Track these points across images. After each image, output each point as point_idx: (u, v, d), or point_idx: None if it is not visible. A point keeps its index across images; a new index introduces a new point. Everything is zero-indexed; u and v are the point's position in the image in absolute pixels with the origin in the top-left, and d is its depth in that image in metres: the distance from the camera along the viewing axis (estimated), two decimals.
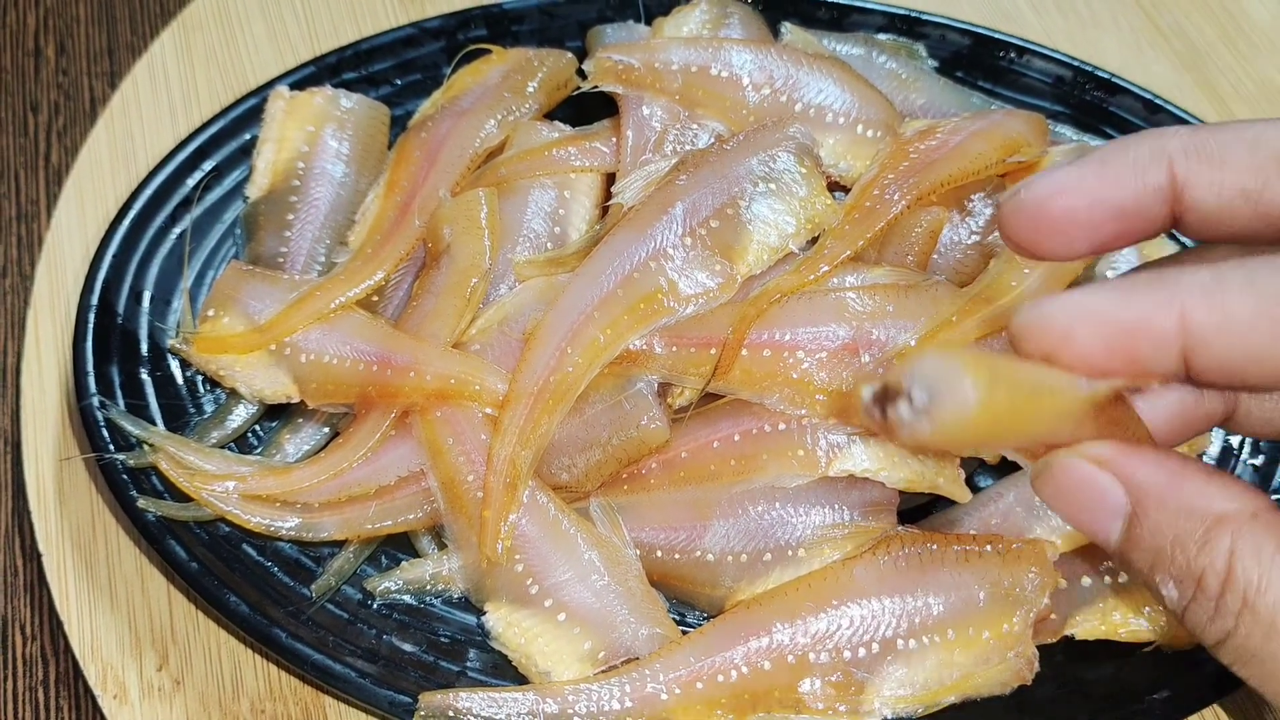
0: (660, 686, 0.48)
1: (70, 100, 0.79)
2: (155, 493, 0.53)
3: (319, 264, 0.61)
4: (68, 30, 0.83)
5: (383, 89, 0.69)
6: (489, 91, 0.65)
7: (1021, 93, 0.70)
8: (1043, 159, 0.60)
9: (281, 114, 0.65)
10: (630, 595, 0.50)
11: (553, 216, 0.60)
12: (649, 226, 0.54)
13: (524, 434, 0.51)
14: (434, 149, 0.62)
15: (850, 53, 0.67)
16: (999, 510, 0.54)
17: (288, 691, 0.53)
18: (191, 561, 0.51)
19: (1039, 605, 0.49)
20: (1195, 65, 0.77)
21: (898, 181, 0.56)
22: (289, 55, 0.76)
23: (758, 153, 0.56)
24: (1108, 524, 0.35)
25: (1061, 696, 0.50)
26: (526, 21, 0.71)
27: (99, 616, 0.55)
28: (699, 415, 0.54)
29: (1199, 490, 0.34)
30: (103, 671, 0.53)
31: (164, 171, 0.63)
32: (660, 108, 0.61)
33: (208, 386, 0.59)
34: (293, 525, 0.53)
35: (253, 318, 0.57)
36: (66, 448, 0.60)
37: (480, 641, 0.52)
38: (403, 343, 0.55)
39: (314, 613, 0.52)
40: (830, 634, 0.49)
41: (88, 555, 0.57)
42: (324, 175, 0.64)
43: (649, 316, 0.52)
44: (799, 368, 0.52)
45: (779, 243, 0.54)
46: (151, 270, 0.61)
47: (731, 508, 0.52)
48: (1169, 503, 0.34)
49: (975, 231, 0.59)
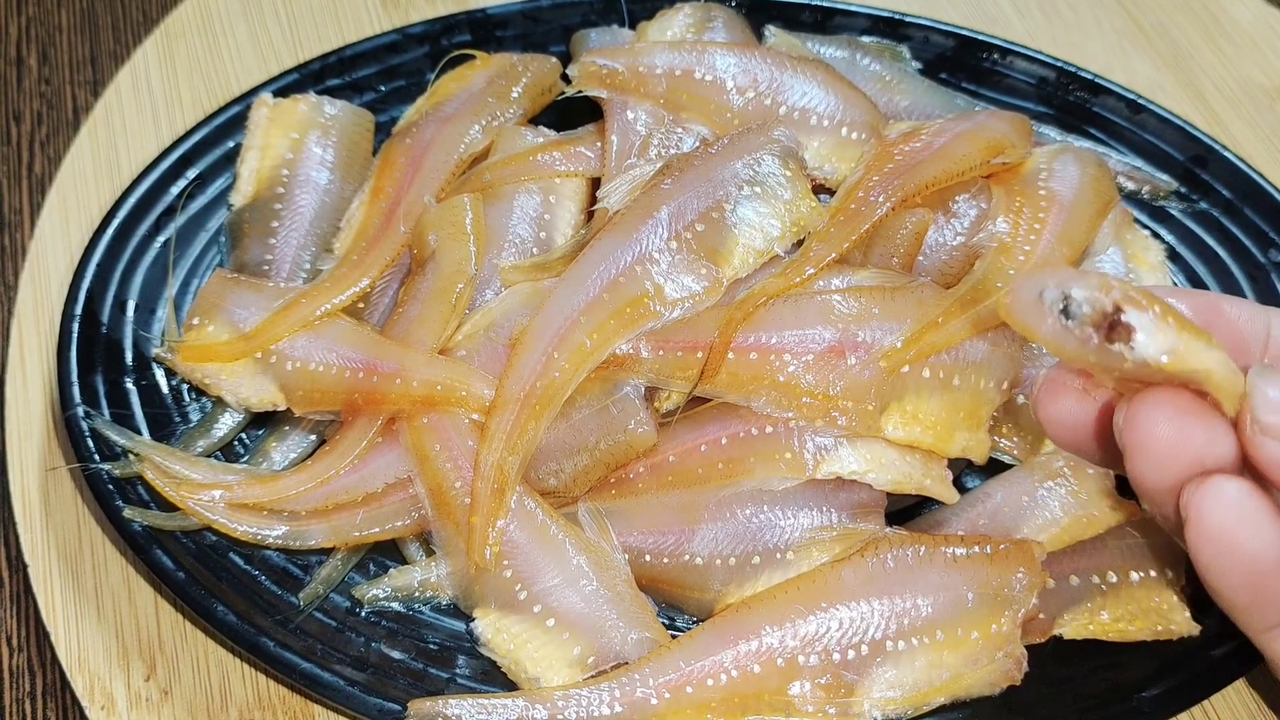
0: (650, 691, 0.48)
1: (53, 109, 0.79)
2: (141, 502, 0.53)
3: (304, 271, 0.61)
4: (50, 39, 0.83)
5: (367, 95, 0.69)
6: (473, 97, 0.64)
7: (1005, 94, 0.70)
8: (1026, 160, 0.60)
9: (265, 121, 0.65)
10: (619, 600, 0.50)
11: (538, 221, 0.60)
12: (634, 231, 0.54)
13: (511, 439, 0.51)
14: (419, 155, 0.62)
15: (834, 55, 0.67)
16: (986, 511, 0.54)
17: (276, 700, 0.53)
18: (178, 571, 0.51)
19: (1027, 605, 0.49)
20: (1178, 65, 0.78)
21: (882, 184, 0.56)
22: (272, 62, 0.76)
23: (742, 156, 0.56)
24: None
25: (1050, 696, 0.50)
26: (510, 26, 0.71)
27: (86, 627, 0.55)
28: (686, 419, 0.54)
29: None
30: (90, 682, 0.53)
31: (148, 180, 0.63)
32: (645, 112, 0.61)
33: (193, 395, 0.59)
34: (280, 533, 0.53)
35: (238, 326, 0.57)
36: (52, 458, 0.59)
37: (469, 648, 0.52)
38: (389, 349, 0.55)
39: (302, 621, 0.52)
40: (819, 636, 0.49)
41: (74, 566, 0.56)
42: (309, 182, 0.63)
43: (635, 321, 0.52)
44: (785, 370, 0.52)
45: (764, 246, 0.54)
46: (136, 279, 0.61)
47: (719, 511, 0.52)
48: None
49: (960, 233, 0.59)
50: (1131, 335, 0.35)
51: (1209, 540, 0.38)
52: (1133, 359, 0.35)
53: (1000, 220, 0.57)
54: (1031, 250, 0.56)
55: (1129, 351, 0.35)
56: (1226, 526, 0.37)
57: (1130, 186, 0.67)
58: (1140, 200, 0.67)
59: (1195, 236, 0.65)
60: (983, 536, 0.51)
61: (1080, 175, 0.59)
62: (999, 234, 0.56)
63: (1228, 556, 0.38)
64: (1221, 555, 0.38)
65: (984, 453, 0.53)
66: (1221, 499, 0.37)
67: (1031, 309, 0.36)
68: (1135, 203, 0.66)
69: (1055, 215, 0.58)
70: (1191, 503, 0.37)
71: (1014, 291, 0.37)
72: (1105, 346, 0.35)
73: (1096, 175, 0.60)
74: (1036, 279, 0.37)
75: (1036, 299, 0.36)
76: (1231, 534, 0.37)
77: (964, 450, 0.52)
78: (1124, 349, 0.35)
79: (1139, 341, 0.35)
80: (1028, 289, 0.37)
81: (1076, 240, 0.57)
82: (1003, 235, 0.56)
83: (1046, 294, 0.36)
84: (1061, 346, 0.36)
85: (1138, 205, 0.66)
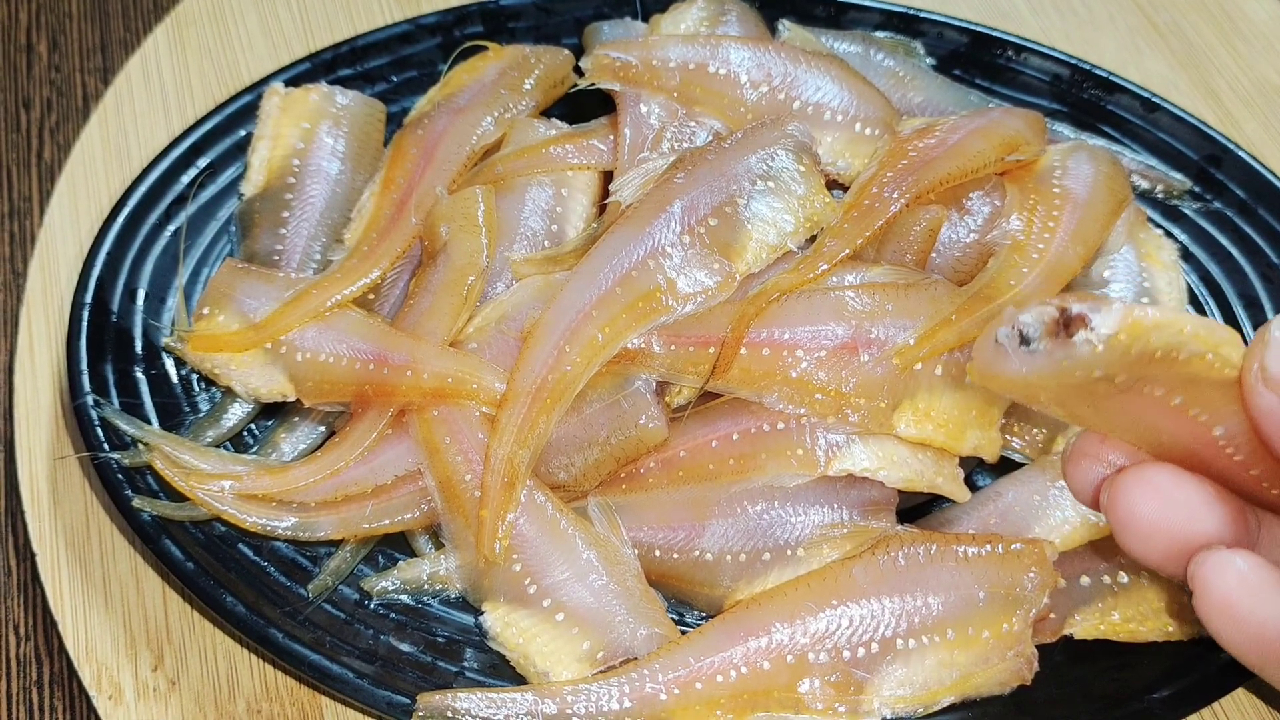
0: (659, 687, 0.48)
1: (63, 96, 0.79)
2: (150, 492, 0.53)
3: (315, 262, 0.61)
4: (60, 26, 0.83)
5: (378, 86, 0.69)
6: (485, 88, 0.64)
7: (1019, 91, 0.70)
8: (1040, 157, 0.60)
9: (277, 111, 0.65)
10: (629, 595, 0.50)
11: (550, 214, 0.60)
12: (647, 225, 0.54)
13: (522, 433, 0.51)
14: (430, 146, 0.62)
15: (848, 50, 0.67)
16: (998, 509, 0.54)
17: (284, 692, 0.53)
18: (187, 561, 0.51)
19: (1038, 605, 0.49)
20: (1192, 64, 0.77)
21: (896, 180, 0.56)
22: (283, 51, 0.76)
23: (756, 151, 0.56)
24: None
25: (1061, 696, 0.50)
26: (523, 18, 0.71)
27: (94, 617, 0.55)
28: (697, 414, 0.54)
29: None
30: (98, 672, 0.53)
31: (158, 168, 0.63)
32: (658, 105, 0.60)
33: (203, 385, 0.59)
34: (289, 525, 0.53)
35: (248, 316, 0.57)
36: (60, 447, 0.59)
37: (478, 641, 0.52)
38: (399, 341, 0.54)
39: (311, 613, 0.52)
40: (829, 634, 0.48)
41: (82, 555, 0.56)
42: (320, 172, 0.63)
43: (647, 315, 0.52)
44: (798, 366, 0.51)
45: (777, 241, 0.54)
46: (146, 268, 0.60)
47: (730, 507, 0.52)
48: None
49: (974, 230, 0.58)
50: (1087, 320, 0.35)
51: (1217, 612, 0.39)
52: (1100, 340, 0.35)
53: (1014, 218, 0.57)
54: (1045, 248, 0.56)
55: (1094, 336, 0.35)
56: (1233, 599, 0.38)
57: (1144, 185, 0.66)
58: (1154, 199, 0.66)
59: (1209, 236, 0.65)
60: (994, 535, 0.51)
61: (1094, 173, 0.59)
62: (1013, 231, 0.56)
63: (1236, 628, 0.39)
64: (1230, 627, 0.39)
65: (995, 451, 0.53)
66: (1228, 572, 0.38)
67: (994, 357, 0.37)
68: (1149, 201, 0.66)
69: (1069, 213, 0.57)
70: (1198, 575, 0.39)
71: (975, 357, 0.38)
72: (1071, 345, 0.36)
73: (1110, 173, 0.60)
74: (985, 335, 0.37)
75: (994, 346, 0.37)
76: (1238, 606, 0.38)
77: (975, 449, 0.52)
78: (1089, 336, 0.35)
79: (1097, 321, 0.35)
80: (982, 344, 0.37)
81: (1090, 238, 0.57)
82: (1016, 233, 0.56)
83: (1000, 335, 0.37)
84: (1038, 375, 0.36)
85: (1151, 204, 0.66)
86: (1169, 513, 0.39)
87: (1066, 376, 0.36)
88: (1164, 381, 0.37)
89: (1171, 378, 0.37)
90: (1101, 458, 0.41)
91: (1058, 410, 0.39)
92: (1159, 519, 0.39)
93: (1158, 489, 0.40)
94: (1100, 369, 0.36)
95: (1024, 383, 0.37)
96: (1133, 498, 0.40)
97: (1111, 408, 0.38)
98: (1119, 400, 0.38)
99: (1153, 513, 0.40)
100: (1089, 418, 0.40)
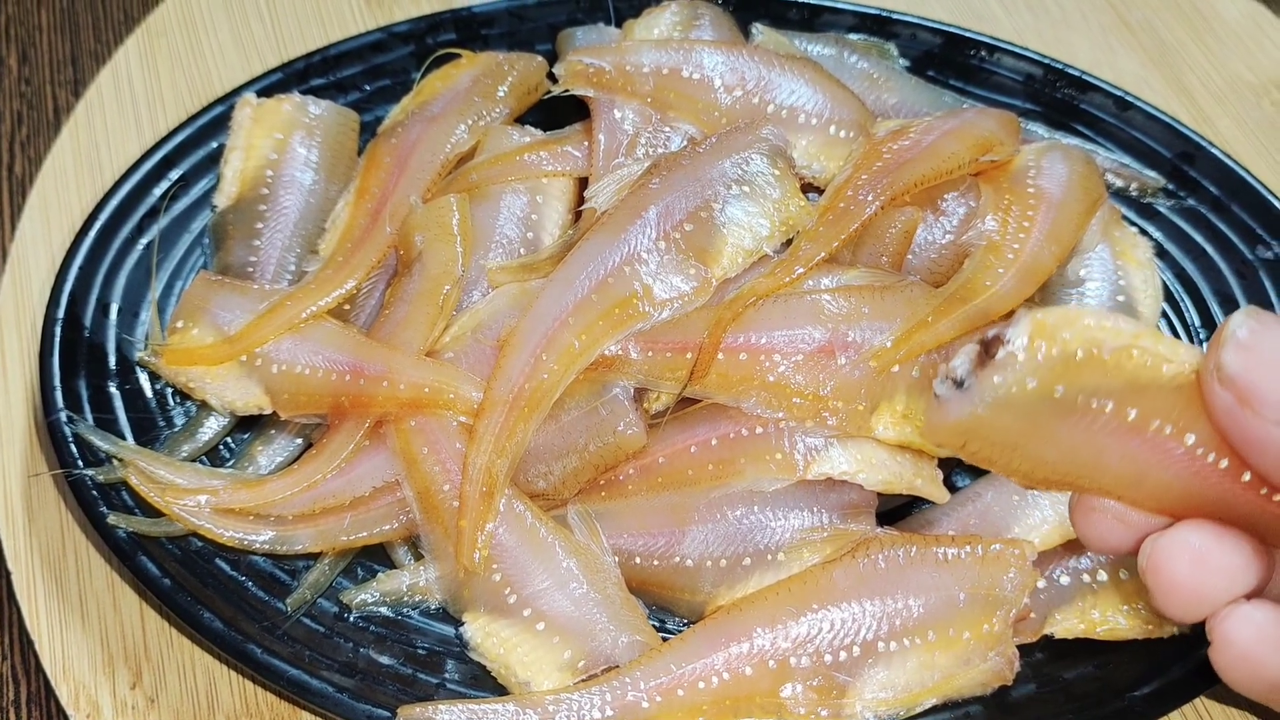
0: (641, 695, 0.48)
1: (33, 110, 0.78)
2: (126, 508, 0.53)
3: (289, 273, 0.61)
4: (30, 39, 0.82)
5: (351, 95, 0.69)
6: (459, 96, 0.64)
7: (993, 91, 0.70)
8: (1014, 157, 0.60)
9: (249, 121, 0.64)
10: (609, 603, 0.50)
11: (525, 222, 0.60)
12: (623, 231, 0.54)
13: (500, 442, 0.51)
14: (404, 155, 0.62)
15: (822, 53, 0.67)
16: (977, 510, 0.54)
17: (264, 707, 0.52)
18: (164, 577, 0.51)
19: (1018, 605, 0.49)
20: (1165, 62, 0.78)
21: (871, 182, 0.56)
22: (255, 61, 0.76)
23: (731, 155, 0.56)
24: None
25: (1042, 696, 0.50)
26: (496, 25, 0.71)
27: (70, 635, 0.54)
28: (676, 420, 0.53)
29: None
30: (75, 691, 0.52)
31: (130, 181, 0.62)
32: (632, 111, 0.60)
33: (178, 399, 0.58)
34: (267, 538, 0.53)
35: (222, 329, 0.56)
36: (34, 464, 0.59)
37: (458, 653, 0.51)
38: (375, 352, 0.54)
39: (289, 627, 0.51)
40: (811, 638, 0.48)
41: (58, 572, 0.56)
42: (293, 183, 0.63)
43: (624, 321, 0.52)
44: (775, 370, 0.51)
45: (753, 245, 0.54)
46: (118, 282, 0.60)
47: (710, 512, 0.52)
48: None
49: (949, 231, 0.59)
50: (1003, 338, 0.36)
51: (1234, 663, 0.40)
52: (1019, 349, 0.36)
53: (989, 218, 0.57)
54: (1020, 248, 0.56)
55: (1012, 347, 0.36)
56: (1251, 651, 0.39)
57: (1118, 183, 0.67)
58: (1128, 197, 0.67)
59: (1183, 233, 0.65)
60: (974, 536, 0.51)
61: (1068, 172, 0.59)
62: (988, 232, 0.56)
63: (1252, 678, 0.40)
64: (1246, 677, 0.40)
65: None
66: (1247, 625, 0.39)
67: (939, 411, 0.38)
68: (1123, 200, 0.66)
69: (1044, 213, 0.57)
70: (1217, 628, 0.40)
71: (925, 420, 0.39)
72: (995, 365, 0.36)
73: (1084, 172, 0.60)
74: (929, 395, 0.38)
75: (935, 400, 0.38)
76: (1255, 657, 0.39)
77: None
78: (1008, 349, 0.36)
79: (1010, 334, 0.36)
80: (929, 406, 0.38)
81: (1065, 238, 0.57)
82: (992, 233, 0.56)
83: (937, 389, 0.38)
84: (984, 409, 0.37)
85: (1125, 202, 0.66)
86: (1210, 580, 0.39)
87: (1008, 402, 0.37)
88: (1107, 391, 0.37)
89: (1113, 386, 0.37)
90: (1104, 506, 0.41)
91: (1022, 463, 0.39)
92: (1200, 587, 0.39)
93: (1198, 556, 0.39)
94: (1032, 379, 0.36)
95: (974, 424, 0.37)
96: (1172, 563, 0.39)
97: (1073, 440, 0.38)
98: (1077, 429, 0.37)
99: (1194, 581, 0.39)
100: (1057, 462, 0.39)
